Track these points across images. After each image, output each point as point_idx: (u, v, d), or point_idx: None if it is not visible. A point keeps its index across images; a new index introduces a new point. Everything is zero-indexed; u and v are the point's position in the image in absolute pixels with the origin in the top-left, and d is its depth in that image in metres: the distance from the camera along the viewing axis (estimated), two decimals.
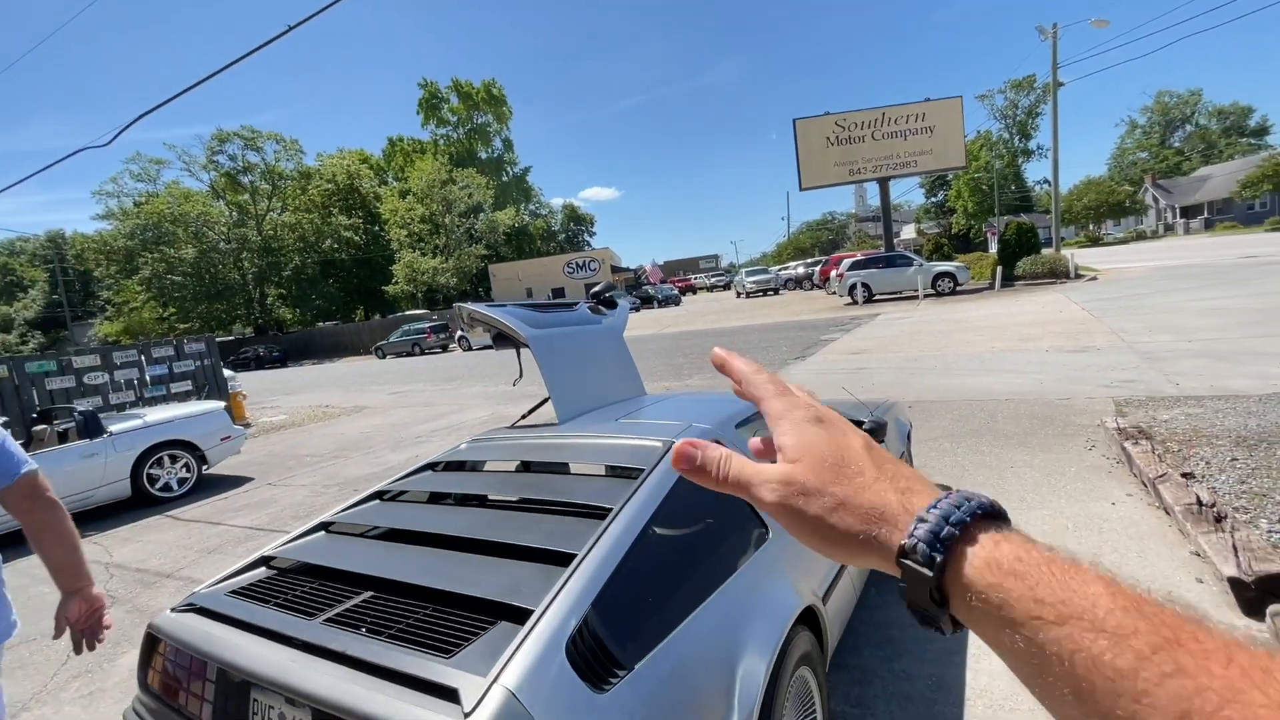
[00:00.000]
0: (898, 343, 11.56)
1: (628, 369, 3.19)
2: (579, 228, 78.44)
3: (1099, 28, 22.36)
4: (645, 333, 22.72)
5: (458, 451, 2.46)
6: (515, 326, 2.70)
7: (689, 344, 16.37)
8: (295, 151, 44.31)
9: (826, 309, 21.37)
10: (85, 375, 8.90)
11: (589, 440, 2.21)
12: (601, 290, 3.70)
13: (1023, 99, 56.22)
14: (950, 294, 19.85)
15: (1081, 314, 11.86)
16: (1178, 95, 78.12)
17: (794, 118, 23.55)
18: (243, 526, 5.63)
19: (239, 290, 43.11)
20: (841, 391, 7.44)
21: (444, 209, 42.50)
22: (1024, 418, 5.83)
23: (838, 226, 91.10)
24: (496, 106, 55.08)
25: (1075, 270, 19.11)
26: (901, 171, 23.96)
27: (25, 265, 73.34)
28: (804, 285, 35.25)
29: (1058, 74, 22.85)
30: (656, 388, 10.23)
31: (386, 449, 8.26)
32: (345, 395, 15.75)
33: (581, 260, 45.61)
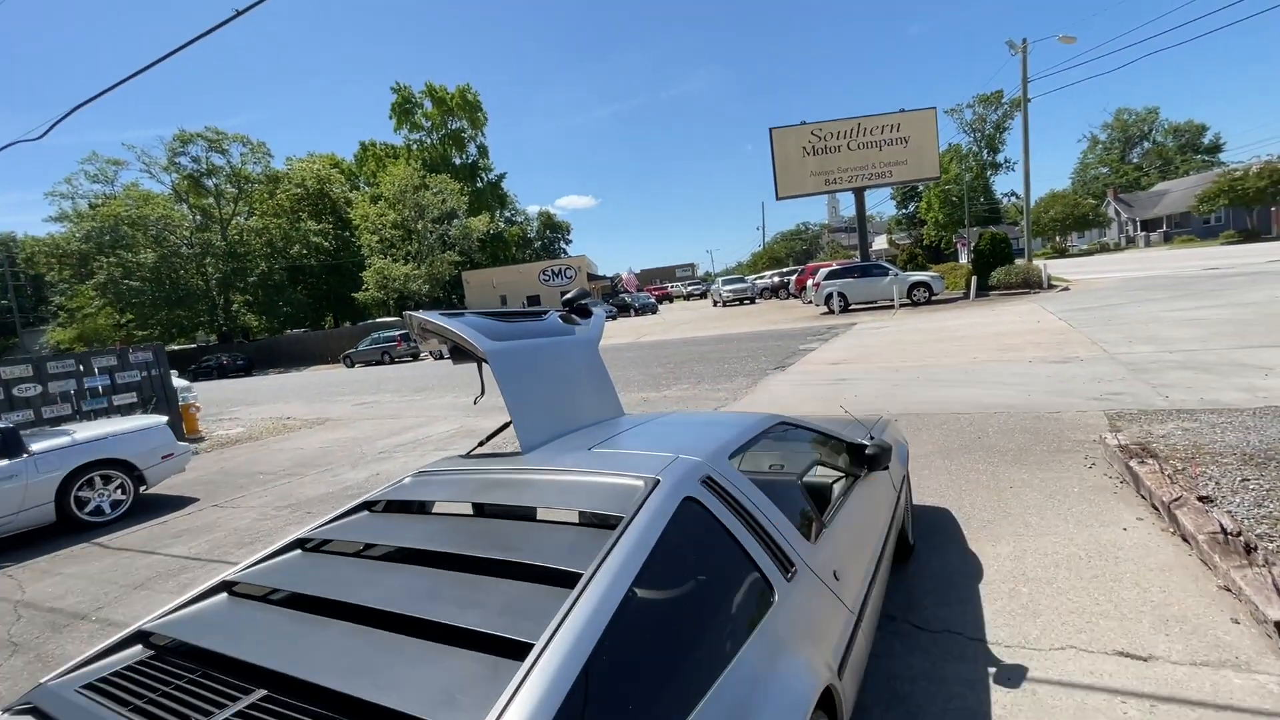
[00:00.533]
0: (878, 353, 11.40)
1: (603, 386, 2.84)
2: (555, 235, 78.04)
3: (1066, 44, 22.84)
4: (622, 341, 22.38)
5: (401, 488, 2.07)
6: (471, 338, 2.33)
7: (667, 353, 16.07)
8: (263, 155, 43.14)
9: (803, 318, 21.28)
10: (15, 387, 8.22)
11: (557, 476, 1.85)
12: (575, 297, 3.34)
13: (991, 113, 57.61)
14: (926, 304, 19.92)
15: (1060, 324, 11.85)
16: (1136, 113, 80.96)
17: (770, 126, 23.56)
18: (178, 556, 5.11)
19: (202, 297, 41.64)
20: (838, 409, 7.16)
21: (416, 215, 41.68)
22: (1016, 432, 5.62)
23: (811, 236, 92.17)
24: (471, 112, 54.42)
25: (1048, 281, 19.33)
26: (877, 182, 24.11)
27: None
28: (780, 294, 35.32)
29: (1028, 88, 23.26)
30: (633, 399, 9.88)
31: (346, 466, 7.75)
32: (309, 406, 15.08)
33: (557, 268, 45.16)
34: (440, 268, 41.51)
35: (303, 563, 1.80)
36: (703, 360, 13.55)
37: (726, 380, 10.52)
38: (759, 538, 1.71)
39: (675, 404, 9.09)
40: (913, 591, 3.14)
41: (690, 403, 9.00)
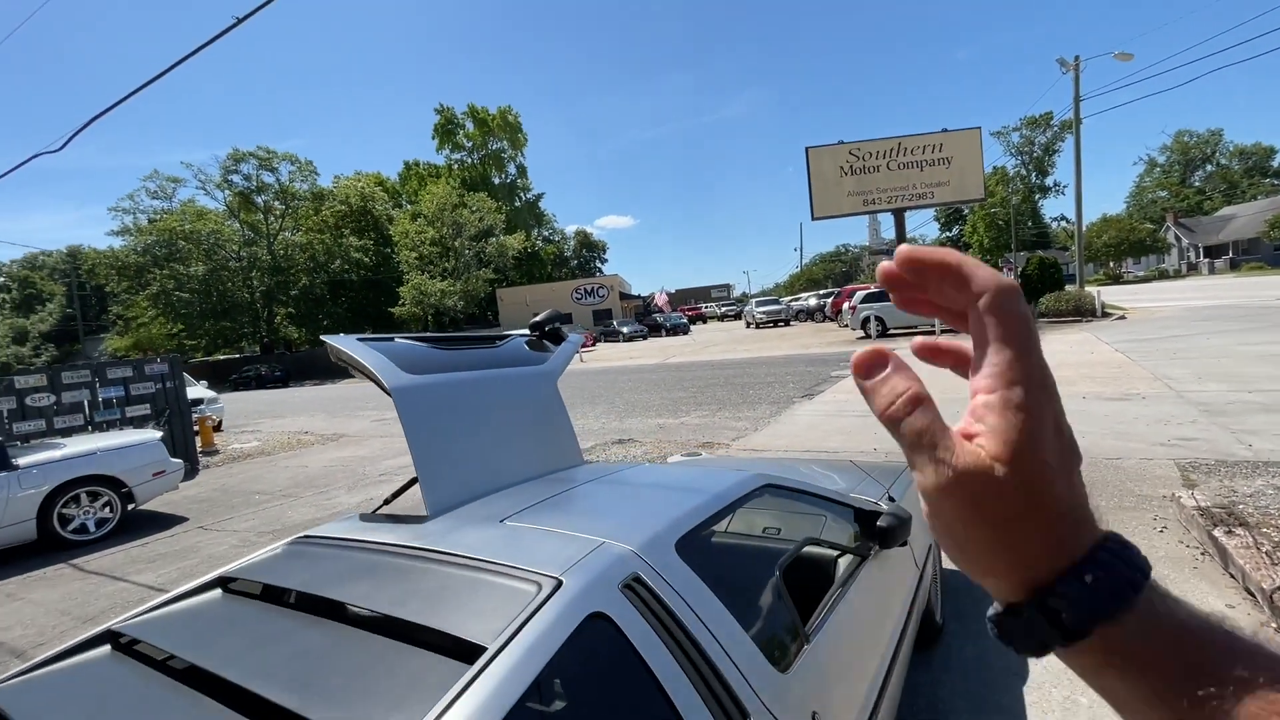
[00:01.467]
0: None
1: (557, 430, 2.37)
2: (591, 254, 78.55)
3: (1122, 61, 21.75)
4: (649, 362, 21.95)
5: (264, 563, 1.64)
6: (377, 370, 1.90)
7: (692, 375, 15.53)
8: (310, 173, 44.62)
9: (838, 342, 20.48)
10: (28, 397, 8.22)
11: (439, 565, 1.39)
12: (544, 320, 2.90)
13: (1039, 136, 55.87)
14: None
15: (1117, 356, 10.90)
16: (1198, 135, 77.51)
17: (807, 146, 23.02)
18: (144, 585, 4.81)
19: (246, 308, 43.01)
20: (866, 445, 6.49)
21: (454, 232, 42.36)
22: None
23: (851, 259, 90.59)
24: (512, 133, 55.43)
25: (1103, 308, 18.14)
26: (918, 203, 23.25)
27: (45, 279, 74.47)
28: (815, 317, 34.41)
29: (1080, 108, 22.19)
30: (648, 425, 9.38)
31: (343, 489, 7.45)
32: (330, 421, 15.03)
33: (590, 286, 45.18)
34: (475, 284, 41.97)
35: (102, 667, 1.37)
36: (727, 385, 12.98)
37: (749, 408, 9.93)
38: (698, 674, 1.21)
39: (692, 432, 8.55)
40: (938, 693, 2.55)
41: (707, 432, 8.45)
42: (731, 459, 4.61)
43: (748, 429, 8.35)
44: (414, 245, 43.13)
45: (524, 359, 2.50)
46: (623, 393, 13.72)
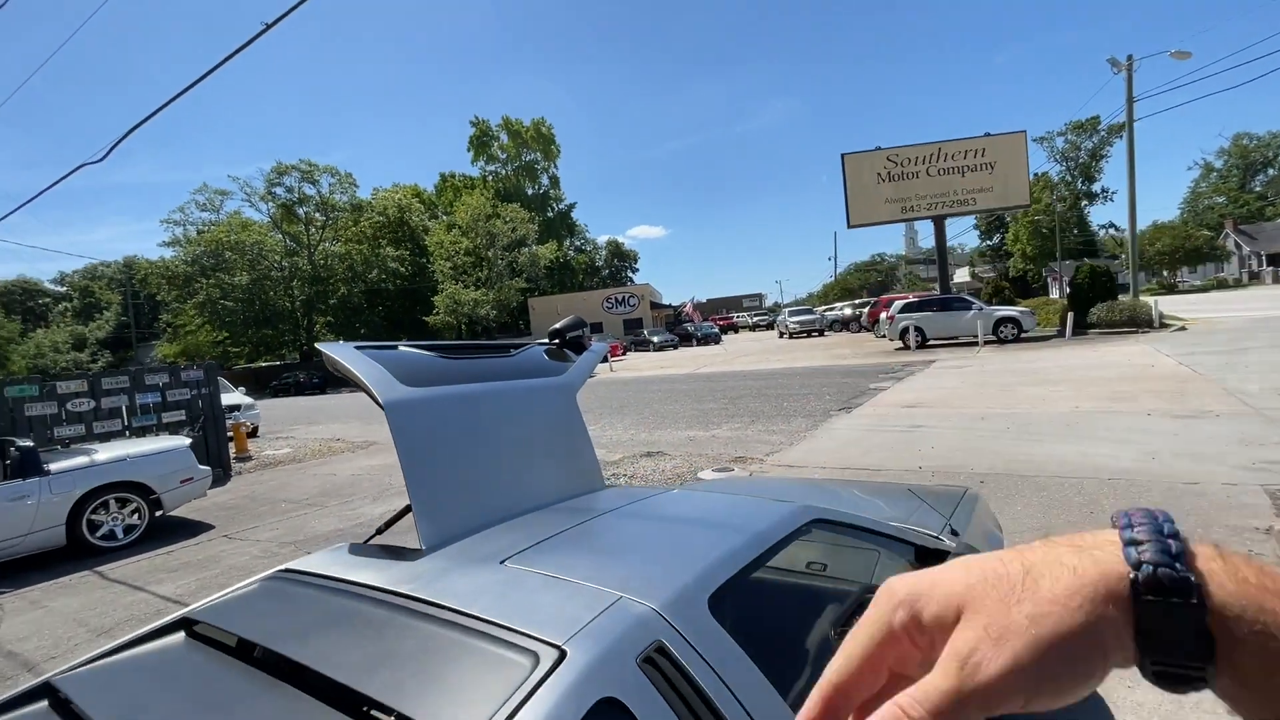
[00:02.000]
0: (959, 396, 10.13)
1: (575, 450, 2.12)
2: (622, 264, 78.71)
3: (1179, 60, 20.73)
4: (679, 372, 21.65)
5: (239, 601, 1.43)
6: (370, 382, 1.69)
7: (723, 386, 15.18)
8: (349, 185, 45.79)
9: (875, 353, 19.86)
10: (69, 402, 8.38)
11: (423, 621, 1.15)
12: (565, 328, 2.66)
13: (1085, 141, 53.93)
14: (1014, 341, 18.11)
15: (1181, 370, 10.19)
16: (1258, 138, 73.84)
17: (843, 152, 22.54)
18: (162, 596, 4.73)
19: (287, 317, 44.21)
20: (911, 463, 6.05)
21: (487, 242, 42.88)
22: (1144, 506, 4.45)
23: (887, 268, 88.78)
24: (545, 145, 56.07)
25: (1160, 319, 17.16)
26: (959, 210, 22.54)
27: (103, 289, 78.15)
28: (851, 327, 33.64)
29: (1133, 109, 21.20)
30: (679, 438, 9.09)
31: (368, 499, 7.35)
32: (363, 428, 15.12)
33: (621, 295, 45.15)
34: (508, 294, 42.36)
35: None
36: (761, 396, 12.60)
37: (784, 421, 9.56)
38: None
39: (724, 446, 8.24)
40: None
41: (740, 445, 8.12)
42: (769, 479, 4.30)
43: (782, 443, 8.00)
44: (449, 255, 43.81)
45: (541, 370, 2.27)
46: (652, 403, 13.45)
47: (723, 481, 3.63)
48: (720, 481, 3.67)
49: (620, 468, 7.52)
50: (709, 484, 3.46)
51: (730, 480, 3.72)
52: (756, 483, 3.51)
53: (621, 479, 6.92)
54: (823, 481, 3.79)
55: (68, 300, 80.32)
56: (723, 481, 3.63)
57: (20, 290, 78.34)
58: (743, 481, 3.61)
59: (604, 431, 10.44)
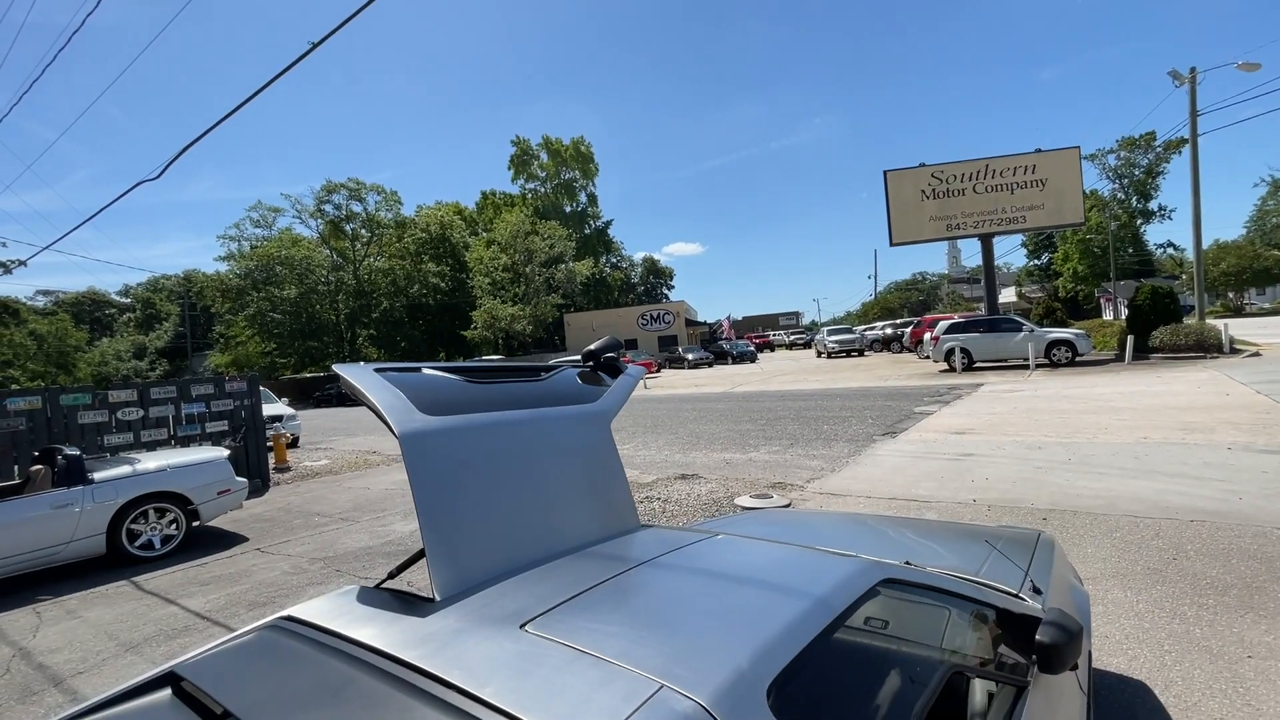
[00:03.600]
0: (1011, 422, 9.60)
1: (608, 484, 1.94)
2: (658, 281, 78.85)
3: (1247, 72, 19.71)
4: (715, 390, 21.32)
5: (228, 655, 1.28)
6: (385, 408, 1.55)
7: (760, 406, 14.83)
8: (394, 203, 47.19)
9: (919, 375, 19.19)
10: (119, 411, 8.62)
11: (417, 698, 0.97)
12: (600, 349, 2.49)
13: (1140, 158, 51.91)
14: (1068, 365, 17.26)
15: (1260, 399, 9.46)
16: None
17: (885, 169, 22.08)
18: (192, 611, 4.70)
19: (332, 329, 45.52)
20: (965, 495, 5.62)
21: (525, 258, 43.48)
22: (1233, 555, 4.02)
23: (929, 287, 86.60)
24: (584, 163, 56.86)
25: (1230, 343, 16.12)
26: (1008, 228, 21.78)
27: (163, 300, 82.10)
28: (892, 347, 32.77)
29: (1196, 123, 20.22)
30: (715, 460, 8.82)
31: (399, 515, 7.29)
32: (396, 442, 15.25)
33: (656, 312, 45.09)
34: (544, 310, 42.78)
35: None
36: (799, 419, 12.23)
37: (824, 445, 9.20)
38: None
39: (761, 470, 7.94)
40: None
41: (778, 470, 7.81)
42: (815, 515, 4.01)
43: (823, 469, 7.66)
44: (487, 271, 44.57)
45: (573, 395, 2.09)
46: (686, 423, 13.20)
47: (765, 517, 3.38)
48: (763, 516, 3.43)
49: (654, 490, 7.30)
50: (751, 520, 3.22)
51: (773, 515, 3.47)
52: (802, 519, 3.26)
53: (654, 503, 6.70)
54: (875, 519, 3.51)
55: (131, 311, 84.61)
56: (765, 517, 3.38)
57: (89, 301, 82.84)
58: (787, 517, 3.35)
59: (637, 451, 10.24)
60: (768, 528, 2.99)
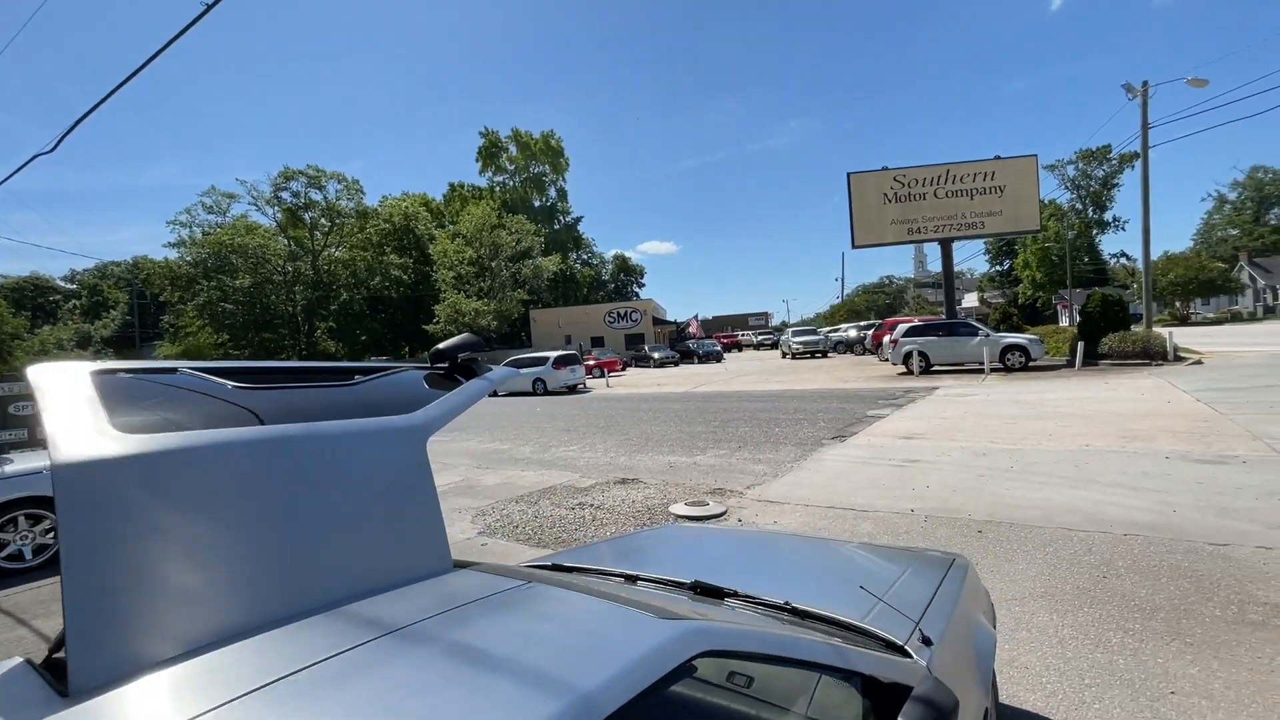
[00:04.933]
0: (960, 427, 9.52)
1: (411, 515, 1.56)
2: (629, 278, 78.50)
3: (1196, 87, 20.24)
4: (676, 390, 21.08)
5: None
6: (53, 427, 1.16)
7: (717, 407, 14.60)
8: (356, 191, 45.83)
9: (877, 377, 19.25)
10: (11, 405, 7.91)
11: None
12: (453, 348, 2.11)
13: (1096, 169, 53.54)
14: (1021, 370, 17.47)
15: (1199, 408, 9.55)
16: (1273, 171, 73.19)
17: (849, 171, 22.12)
18: (45, 635, 4.19)
19: (287, 321, 44.01)
20: (903, 505, 5.28)
21: (491, 253, 42.64)
22: (1162, 574, 3.85)
23: (895, 291, 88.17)
24: (554, 157, 56.13)
25: (1175, 351, 16.49)
26: (967, 233, 22.02)
27: (111, 287, 78.50)
28: (855, 349, 33.05)
29: (1148, 135, 20.69)
30: (659, 464, 8.52)
31: None
32: None
33: (623, 310, 44.74)
34: (509, 305, 42.02)
35: None
36: (754, 420, 12.02)
37: (772, 449, 8.97)
38: None
39: (704, 474, 7.66)
40: None
41: (721, 475, 7.54)
42: (715, 531, 3.68)
43: (766, 474, 7.41)
44: (452, 265, 43.59)
45: (390, 405, 1.72)
46: (641, 423, 12.89)
47: (661, 536, 3.06)
48: (657, 535, 3.11)
49: (589, 496, 6.96)
50: (641, 540, 2.92)
51: (667, 534, 3.15)
52: (696, 540, 2.94)
53: (586, 509, 6.36)
54: (778, 541, 3.22)
55: (76, 298, 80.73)
56: (661, 536, 3.06)
57: (31, 286, 78.74)
58: (683, 537, 3.04)
59: (583, 453, 9.88)
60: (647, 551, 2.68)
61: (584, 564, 2.38)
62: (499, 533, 5.83)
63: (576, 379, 24.66)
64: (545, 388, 24.21)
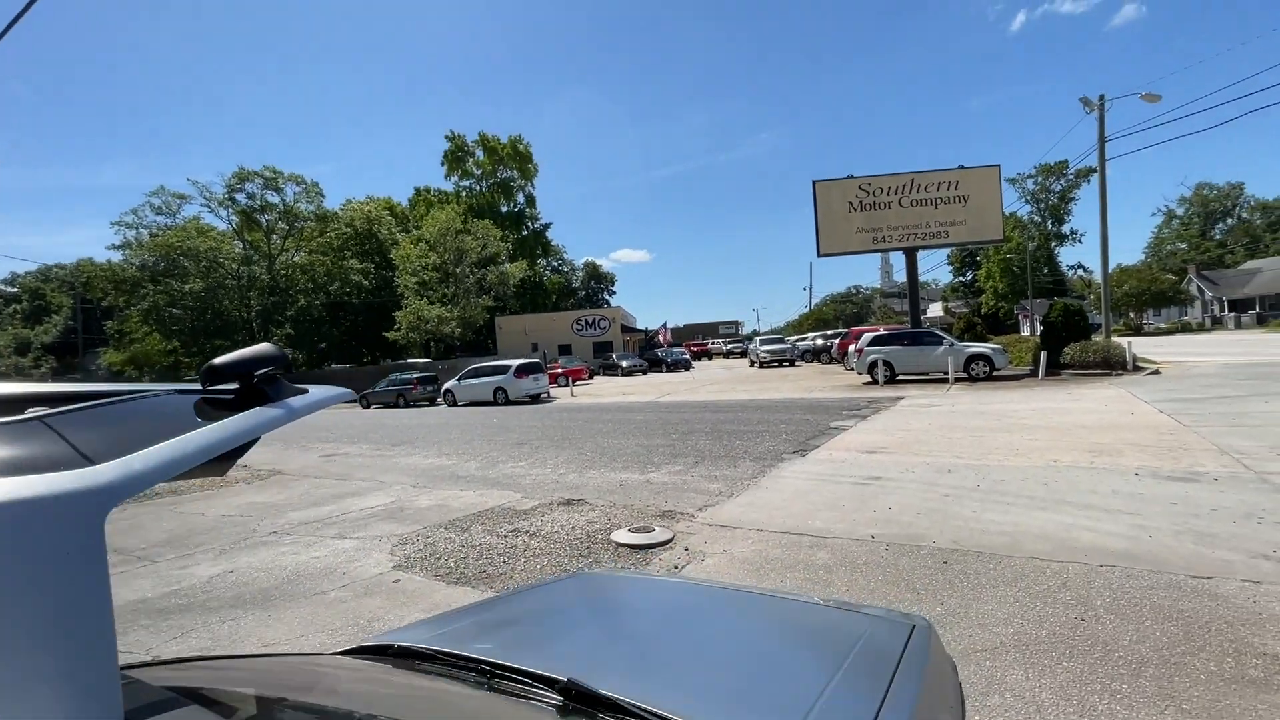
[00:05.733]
0: (925, 440, 9.17)
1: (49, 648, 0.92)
2: (600, 286, 77.94)
3: (1149, 102, 20.66)
4: (641, 399, 20.57)
5: None
6: None
7: (679, 418, 14.10)
8: (316, 194, 44.36)
9: (842, 386, 19.02)
10: None
11: None
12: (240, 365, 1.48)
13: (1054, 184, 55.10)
14: (985, 379, 17.41)
15: (1162, 419, 9.39)
16: (1218, 188, 76.54)
17: (814, 179, 21.97)
18: None
19: (241, 327, 42.23)
20: (862, 530, 4.56)
21: (455, 258, 41.61)
22: (1145, 615, 3.43)
23: (863, 300, 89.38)
24: (522, 163, 55.33)
25: (1134, 361, 16.59)
26: (931, 242, 22.04)
27: (54, 291, 74.79)
28: (822, 358, 33.03)
29: (1105, 147, 21.02)
30: (610, 481, 7.94)
31: (213, 552, 6.04)
32: (280, 454, 13.68)
33: (591, 318, 44.13)
34: (474, 312, 41.01)
35: None
36: (715, 432, 11.54)
37: (730, 464, 8.48)
38: None
39: (656, 494, 7.11)
40: None
41: (673, 495, 7.01)
42: (631, 583, 3.06)
43: (721, 494, 6.90)
44: (414, 270, 42.40)
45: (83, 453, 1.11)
46: (598, 435, 12.31)
47: (555, 592, 2.50)
48: (549, 593, 2.54)
49: (528, 520, 6.35)
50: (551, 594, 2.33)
51: (576, 589, 2.58)
52: (595, 595, 2.38)
53: (520, 536, 5.75)
54: (703, 598, 2.68)
55: (17, 302, 76.70)
56: (555, 592, 2.50)
57: None
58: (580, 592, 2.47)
59: (531, 470, 9.25)
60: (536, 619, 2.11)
61: (439, 645, 1.80)
62: (417, 565, 5.18)
63: (540, 388, 23.95)
64: (507, 397, 23.44)
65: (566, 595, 2.47)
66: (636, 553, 5.17)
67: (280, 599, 4.62)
